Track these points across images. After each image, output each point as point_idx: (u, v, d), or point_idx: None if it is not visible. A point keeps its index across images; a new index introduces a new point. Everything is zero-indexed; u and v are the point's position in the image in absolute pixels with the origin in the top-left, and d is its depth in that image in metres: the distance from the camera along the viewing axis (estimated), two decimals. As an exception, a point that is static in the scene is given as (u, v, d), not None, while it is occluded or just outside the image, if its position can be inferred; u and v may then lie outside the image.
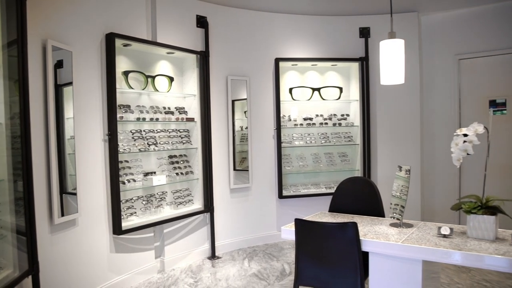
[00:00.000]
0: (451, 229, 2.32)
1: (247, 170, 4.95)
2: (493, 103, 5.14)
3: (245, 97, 4.93)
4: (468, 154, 2.30)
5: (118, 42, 3.62)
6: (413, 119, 5.33)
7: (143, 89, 3.96)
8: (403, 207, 2.56)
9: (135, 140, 3.84)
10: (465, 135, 2.30)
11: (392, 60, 2.66)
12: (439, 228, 2.34)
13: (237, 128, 4.95)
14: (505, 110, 5.08)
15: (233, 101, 4.87)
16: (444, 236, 2.32)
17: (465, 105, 5.35)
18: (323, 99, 5.20)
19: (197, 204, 4.46)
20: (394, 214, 2.59)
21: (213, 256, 4.58)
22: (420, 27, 5.43)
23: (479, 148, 2.36)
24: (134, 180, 3.79)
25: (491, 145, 2.37)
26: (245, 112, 4.95)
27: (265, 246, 4.97)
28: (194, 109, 4.42)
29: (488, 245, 2.15)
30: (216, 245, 4.66)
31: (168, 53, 4.21)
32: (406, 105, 5.32)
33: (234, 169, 4.90)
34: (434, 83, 5.54)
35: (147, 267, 3.96)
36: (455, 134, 2.35)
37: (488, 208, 2.27)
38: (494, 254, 2.00)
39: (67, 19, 3.19)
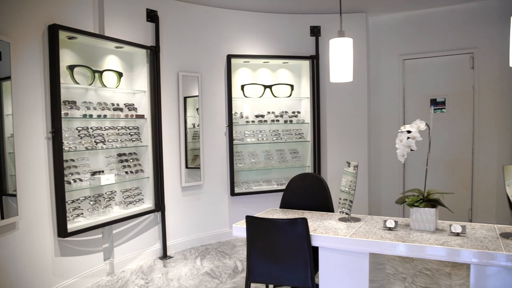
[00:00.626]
0: (395, 222, 2.42)
1: (200, 168, 4.90)
2: (433, 102, 5.44)
3: (197, 93, 4.87)
4: (411, 150, 2.41)
5: (62, 35, 3.44)
6: (361, 116, 5.51)
7: (90, 85, 3.80)
8: (351, 201, 2.64)
9: (81, 138, 3.68)
10: (409, 131, 2.41)
11: (341, 58, 2.73)
12: (385, 221, 2.44)
13: (189, 125, 4.88)
14: (444, 108, 5.40)
15: (185, 98, 4.80)
16: (389, 229, 2.42)
17: (409, 103, 5.62)
18: (275, 97, 5.26)
19: (148, 203, 4.36)
20: (343, 209, 2.67)
21: (164, 256, 4.50)
22: (368, 28, 5.62)
23: (421, 144, 2.48)
24: (81, 180, 3.63)
25: (431, 141, 2.49)
26: (197, 109, 4.90)
27: (218, 244, 4.96)
28: (144, 106, 4.31)
29: (429, 236, 2.27)
30: (167, 244, 4.58)
31: (116, 47, 4.07)
32: (355, 103, 5.49)
33: (187, 167, 4.83)
34: (380, 82, 5.76)
35: (96, 269, 3.82)
36: (399, 130, 2.46)
37: (429, 201, 2.40)
38: (435, 244, 2.11)
39: (4, 7, 2.98)
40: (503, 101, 5.08)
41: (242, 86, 5.15)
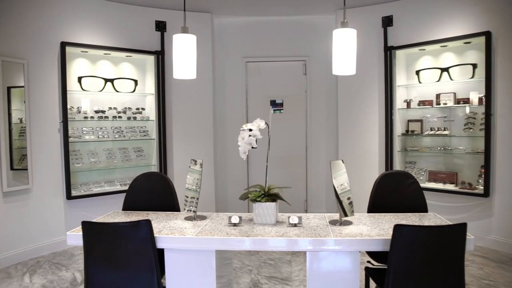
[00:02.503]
0: (240, 217, 2.48)
1: (27, 169, 4.26)
2: (273, 103, 5.86)
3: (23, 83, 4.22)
4: (253, 147, 2.50)
5: None
6: (206, 114, 5.57)
7: None
8: (197, 199, 2.61)
9: None
10: (250, 130, 2.49)
11: (184, 54, 2.67)
12: (230, 217, 2.48)
13: (15, 120, 4.20)
14: (282, 109, 5.86)
15: (9, 88, 4.11)
16: (234, 224, 2.46)
17: (251, 103, 5.92)
18: (117, 91, 4.92)
19: (-44, 214, 3.58)
20: (191, 207, 2.62)
21: (-20, 275, 3.78)
22: (214, 28, 5.71)
23: (263, 142, 2.60)
24: None
25: (271, 139, 2.64)
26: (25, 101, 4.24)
27: (52, 255, 4.39)
28: (-51, 96, 3.53)
29: (271, 228, 2.38)
30: (-16, 261, 3.85)
31: None
32: (201, 101, 5.52)
33: (12, 169, 4.15)
34: (225, 82, 5.93)
35: None
36: (241, 129, 2.53)
37: (270, 196, 2.53)
38: (276, 236, 2.22)
39: None
40: (329, 103, 5.78)
41: (80, 78, 4.67)
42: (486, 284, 3.50)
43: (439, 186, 4.83)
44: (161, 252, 2.29)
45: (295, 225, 2.44)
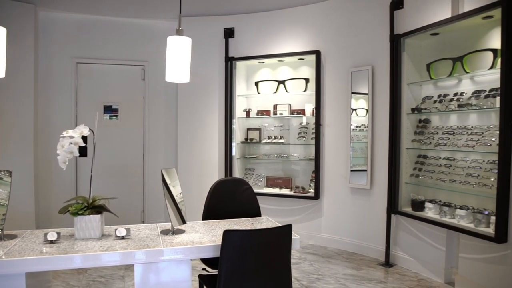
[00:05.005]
0: (58, 233, 2.35)
1: None
2: (109, 108, 5.68)
3: None
4: (75, 156, 2.41)
5: None
6: (26, 119, 5.08)
7: None
8: (5, 215, 2.38)
9: None
10: (72, 137, 2.40)
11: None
12: (46, 234, 2.33)
13: None
14: (117, 115, 5.74)
15: None
16: (51, 242, 2.32)
17: (82, 108, 5.63)
18: None
19: None
20: (1, 225, 2.37)
21: None
22: (38, 22, 5.26)
23: (97, 151, 2.52)
24: None
25: (105, 147, 2.60)
26: None
27: None
28: None
29: (95, 243, 2.32)
30: None
31: None
32: (18, 104, 5.03)
33: None
34: (51, 84, 5.51)
35: None
36: (61, 136, 2.41)
37: (95, 208, 2.46)
38: (99, 251, 2.18)
39: None
40: (169, 111, 5.90)
41: None
42: (315, 278, 4.02)
43: (276, 191, 5.34)
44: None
45: (122, 237, 2.42)
